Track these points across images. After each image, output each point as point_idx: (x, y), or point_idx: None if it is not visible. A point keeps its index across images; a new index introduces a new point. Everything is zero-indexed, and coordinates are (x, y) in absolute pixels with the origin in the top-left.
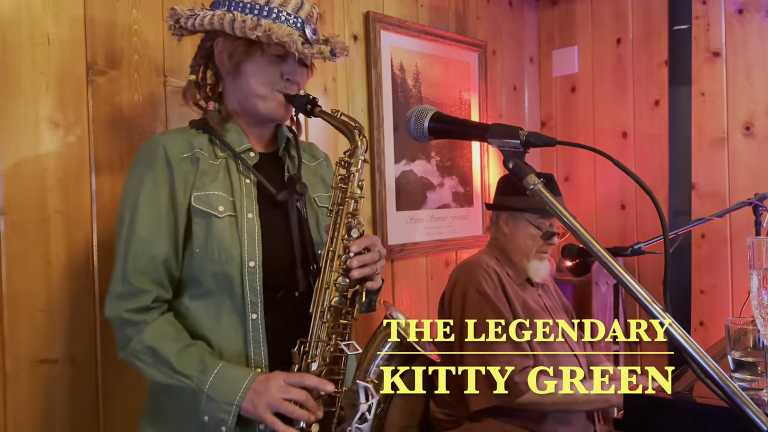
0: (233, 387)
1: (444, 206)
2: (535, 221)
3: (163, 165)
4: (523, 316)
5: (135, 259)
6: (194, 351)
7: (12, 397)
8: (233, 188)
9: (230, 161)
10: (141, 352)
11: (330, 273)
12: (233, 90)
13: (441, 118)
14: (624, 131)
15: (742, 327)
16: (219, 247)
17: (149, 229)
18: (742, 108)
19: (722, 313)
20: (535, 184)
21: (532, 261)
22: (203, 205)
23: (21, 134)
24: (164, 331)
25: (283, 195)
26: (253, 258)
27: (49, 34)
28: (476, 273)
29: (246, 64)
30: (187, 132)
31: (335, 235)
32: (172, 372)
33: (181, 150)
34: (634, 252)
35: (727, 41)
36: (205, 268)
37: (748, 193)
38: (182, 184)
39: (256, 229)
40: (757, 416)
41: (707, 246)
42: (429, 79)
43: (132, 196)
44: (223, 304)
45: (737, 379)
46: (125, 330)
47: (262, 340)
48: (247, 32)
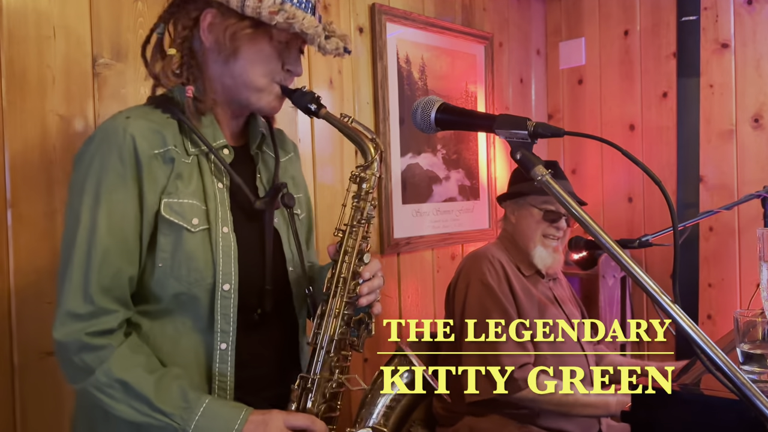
0: (223, 428)
1: (450, 199)
2: (537, 204)
3: (132, 160)
4: (529, 308)
5: (99, 273)
6: (174, 384)
7: (20, 390)
8: (206, 194)
9: (202, 159)
10: (108, 385)
11: (341, 302)
12: (221, 74)
13: (448, 109)
14: (631, 123)
15: (751, 319)
16: (188, 266)
17: (116, 238)
18: (751, 100)
19: (730, 306)
20: (543, 175)
21: (537, 247)
22: (174, 215)
23: (28, 127)
24: (135, 360)
25: (262, 204)
26: (229, 281)
27: (55, 27)
28: (481, 264)
29: (247, 49)
30: (153, 117)
31: (345, 260)
32: (150, 410)
33: (152, 144)
34: (642, 244)
35: (736, 32)
36: (167, 286)
37: (757, 186)
38: (151, 185)
39: (232, 246)
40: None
41: (715, 239)
42: (435, 71)
43: (92, 194)
44: (184, 327)
45: (746, 372)
46: (83, 357)
47: (230, 373)
48: (264, 15)
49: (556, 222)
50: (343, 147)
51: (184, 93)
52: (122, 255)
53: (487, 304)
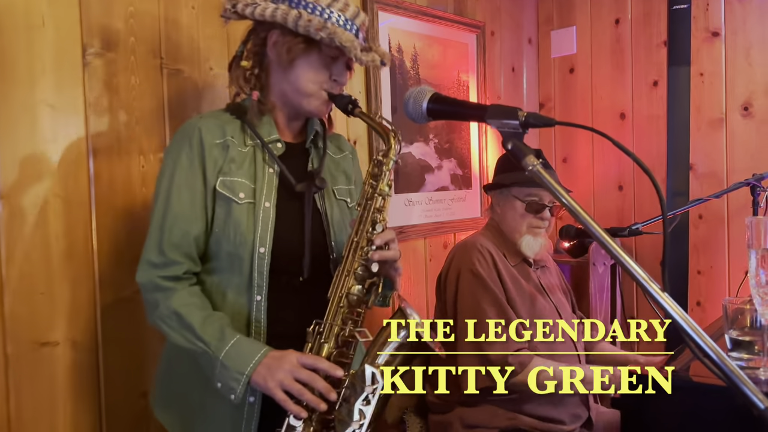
0: (246, 358)
1: (442, 188)
2: (521, 196)
3: (198, 148)
4: (517, 296)
5: (170, 233)
6: (216, 321)
7: (14, 380)
8: (256, 176)
9: (257, 150)
10: (167, 316)
11: (352, 262)
12: (280, 81)
13: (439, 99)
14: (622, 112)
15: (739, 306)
16: (235, 230)
17: (184, 206)
18: (741, 88)
19: (719, 293)
20: (533, 164)
21: (524, 236)
22: (226, 190)
23: (18, 118)
24: (191, 300)
25: (302, 186)
26: (264, 244)
27: (44, 16)
28: (471, 254)
29: (300, 61)
30: (222, 117)
31: (360, 228)
32: (194, 338)
33: (215, 136)
34: (632, 233)
35: (727, 21)
36: (221, 246)
37: (746, 174)
38: (212, 167)
39: (270, 217)
40: (755, 394)
41: (705, 226)
42: (427, 60)
43: (169, 174)
44: (231, 282)
45: (734, 358)
46: (155, 294)
47: (263, 320)
48: (312, 32)
49: (540, 213)
50: None
51: (251, 97)
52: (189, 219)
53: (478, 294)
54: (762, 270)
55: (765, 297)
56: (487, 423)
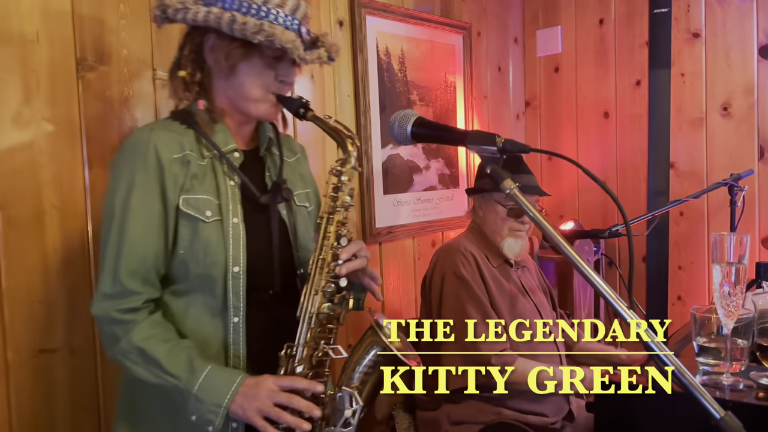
0: (221, 390)
1: (430, 188)
2: (501, 201)
3: (155, 166)
4: (499, 298)
5: (127, 260)
6: (183, 352)
7: (14, 386)
8: (219, 191)
9: (216, 162)
10: (130, 351)
11: (319, 280)
12: (225, 88)
13: (423, 123)
14: (606, 111)
15: (705, 315)
16: (205, 251)
17: (142, 230)
18: (720, 88)
19: (700, 287)
20: (511, 188)
21: (506, 239)
22: (191, 209)
23: (14, 131)
24: (153, 332)
25: (266, 198)
26: (238, 263)
27: (39, 32)
28: (454, 256)
29: (242, 66)
30: (173, 127)
31: (325, 243)
32: (161, 372)
33: (172, 150)
34: (612, 234)
35: (707, 23)
36: (188, 268)
37: (725, 172)
38: (173, 185)
39: (241, 234)
40: (711, 405)
41: (685, 223)
42: (414, 62)
43: (122, 194)
44: (203, 305)
45: (701, 363)
46: (113, 328)
47: (242, 342)
48: (248, 35)
49: (521, 217)
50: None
51: (197, 106)
52: (147, 243)
53: (462, 296)
54: (726, 283)
55: (728, 308)
56: (473, 419)
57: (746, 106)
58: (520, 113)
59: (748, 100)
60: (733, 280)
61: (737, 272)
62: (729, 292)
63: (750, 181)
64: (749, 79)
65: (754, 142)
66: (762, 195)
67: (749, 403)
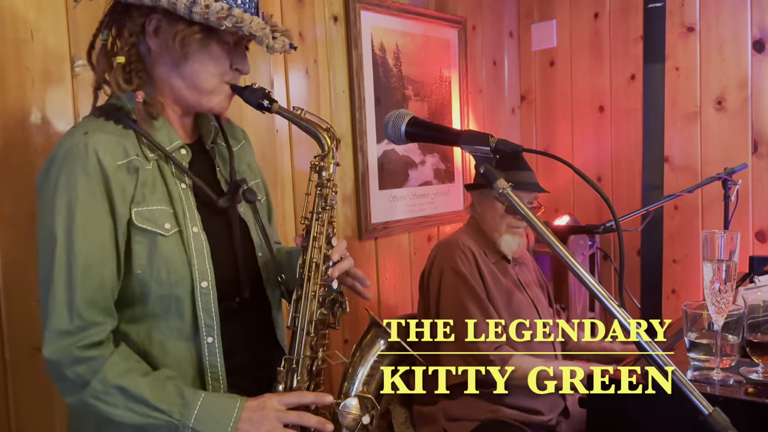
0: (222, 418)
1: (426, 183)
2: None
3: (98, 174)
4: (496, 294)
5: (82, 288)
6: (169, 383)
7: (13, 385)
8: (172, 197)
9: (162, 163)
10: (105, 393)
11: (313, 284)
12: (170, 78)
13: (417, 123)
14: (601, 105)
15: (697, 311)
16: (167, 269)
17: (94, 251)
18: (715, 83)
19: (694, 280)
20: (504, 188)
21: (504, 236)
22: (146, 222)
23: (9, 130)
24: (127, 365)
25: (225, 201)
26: (205, 278)
27: (33, 30)
28: (453, 252)
29: (197, 53)
30: (109, 129)
31: (315, 245)
32: (149, 410)
33: (115, 156)
34: (606, 230)
35: (701, 17)
36: (149, 290)
37: (719, 166)
38: (120, 196)
39: (204, 244)
40: (700, 401)
41: (680, 217)
42: (409, 57)
43: (64, 212)
44: (170, 328)
45: (692, 358)
46: (76, 369)
47: (219, 364)
48: (212, 20)
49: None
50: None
51: (133, 99)
52: (102, 266)
53: (461, 292)
54: (716, 281)
55: (719, 305)
56: (470, 415)
57: (740, 101)
58: (515, 107)
59: (741, 94)
60: (723, 277)
61: (727, 269)
62: (719, 289)
63: (744, 175)
64: (743, 74)
65: (748, 136)
66: (755, 189)
67: (739, 398)
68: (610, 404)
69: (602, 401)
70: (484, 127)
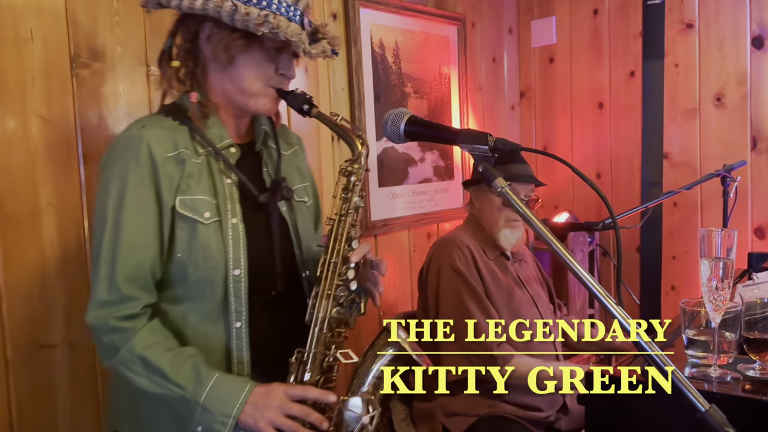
0: (230, 399)
1: (425, 180)
2: None
3: (148, 164)
4: (495, 290)
5: (123, 264)
6: (188, 360)
7: (15, 382)
8: (216, 190)
9: (211, 159)
10: (131, 361)
11: (330, 283)
12: (221, 81)
13: (416, 122)
14: (600, 102)
15: (694, 308)
16: (204, 254)
17: (137, 233)
18: (714, 79)
19: (693, 277)
20: (502, 187)
21: (502, 230)
22: (188, 210)
23: (10, 129)
24: (154, 339)
25: (265, 197)
26: (239, 266)
27: (33, 29)
28: (451, 250)
29: (242, 58)
30: (165, 123)
31: (336, 247)
32: (166, 382)
33: (166, 149)
34: (605, 227)
35: (701, 13)
36: (187, 273)
37: (718, 163)
38: (167, 185)
39: (241, 235)
40: (697, 398)
41: (679, 213)
42: (409, 54)
43: (115, 196)
44: (203, 311)
45: (690, 356)
46: (111, 337)
47: (245, 347)
48: (251, 27)
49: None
50: (320, 137)
51: (188, 99)
52: (144, 248)
53: (459, 289)
54: (714, 278)
55: (716, 303)
56: (468, 411)
57: (739, 97)
58: (515, 104)
59: (741, 90)
60: (720, 275)
61: (725, 267)
62: (717, 287)
63: (743, 172)
64: (742, 70)
65: (747, 133)
66: (754, 185)
67: (736, 395)
68: (608, 400)
69: (600, 397)
70: (483, 123)
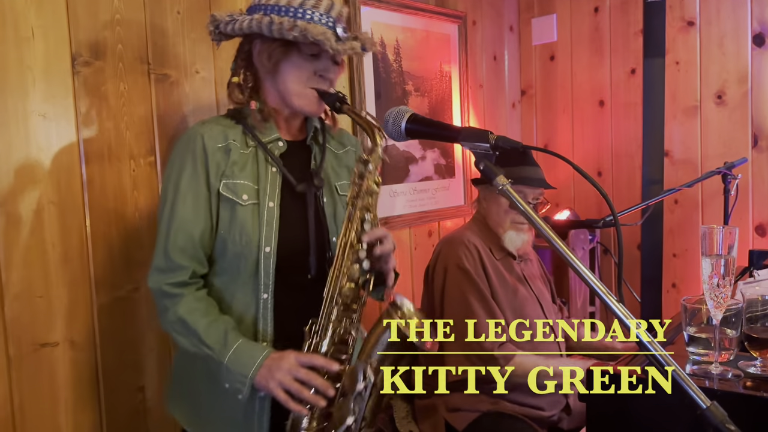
0: (248, 362)
1: (426, 178)
2: None
3: (201, 153)
4: (500, 289)
5: (175, 237)
6: (220, 326)
7: (17, 380)
8: (259, 177)
9: (259, 151)
10: (174, 322)
11: (344, 261)
12: (272, 87)
13: (417, 120)
14: (601, 99)
15: (696, 306)
16: (240, 231)
17: (189, 210)
18: (714, 77)
19: (694, 274)
20: (503, 184)
21: (508, 232)
22: (229, 192)
23: (11, 128)
24: (196, 305)
25: (302, 186)
26: (270, 243)
27: (34, 28)
28: (457, 249)
29: (283, 64)
30: (223, 122)
31: (350, 226)
32: (199, 343)
33: (216, 140)
34: (606, 224)
35: (702, 11)
36: (227, 248)
37: (719, 160)
38: (215, 171)
39: (274, 217)
40: (698, 395)
41: (680, 211)
42: (410, 52)
43: (174, 179)
44: (238, 282)
45: (691, 353)
46: (164, 301)
47: (270, 318)
48: (284, 33)
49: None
50: None
51: (249, 107)
52: (194, 224)
53: (465, 288)
54: (715, 275)
55: (717, 300)
56: (471, 406)
57: (740, 95)
58: (515, 102)
59: (741, 88)
60: (722, 272)
61: (726, 264)
62: (718, 284)
63: (743, 170)
64: (743, 68)
65: (748, 130)
66: (755, 183)
67: (737, 392)
68: (609, 397)
69: (601, 395)
70: (484, 121)
